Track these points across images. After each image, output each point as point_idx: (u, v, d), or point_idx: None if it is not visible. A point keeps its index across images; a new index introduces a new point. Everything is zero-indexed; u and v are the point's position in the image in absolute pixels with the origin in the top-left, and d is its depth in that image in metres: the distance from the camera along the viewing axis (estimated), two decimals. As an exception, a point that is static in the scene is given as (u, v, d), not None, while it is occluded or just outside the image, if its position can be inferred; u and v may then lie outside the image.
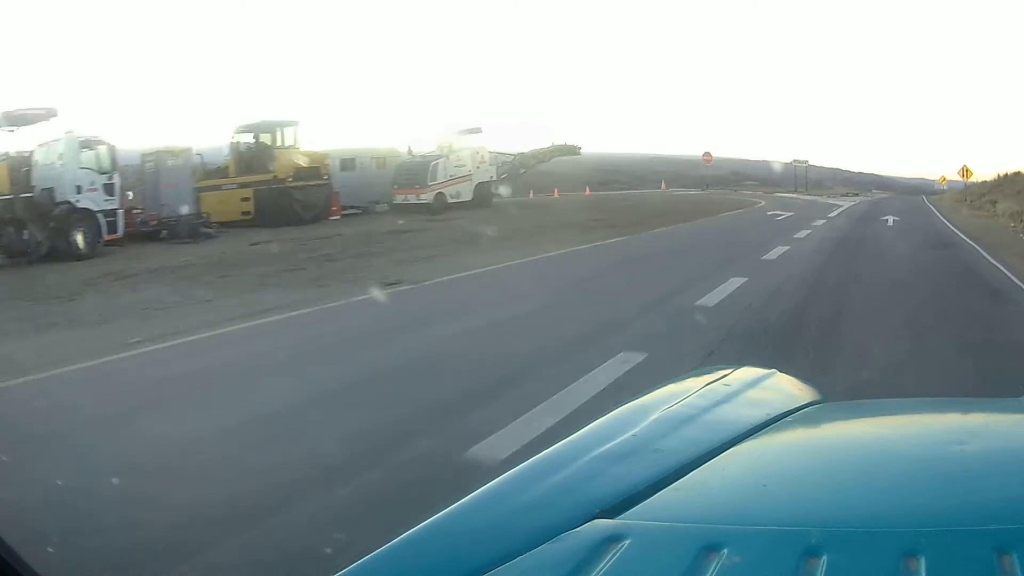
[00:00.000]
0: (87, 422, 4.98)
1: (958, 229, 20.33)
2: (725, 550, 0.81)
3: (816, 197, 46.72)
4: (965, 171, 39.90)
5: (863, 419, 1.50)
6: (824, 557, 0.78)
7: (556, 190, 39.85)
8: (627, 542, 0.85)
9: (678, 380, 1.54)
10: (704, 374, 1.54)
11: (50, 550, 3.02)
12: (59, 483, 3.83)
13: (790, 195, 48.77)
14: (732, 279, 10.07)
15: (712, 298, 8.82)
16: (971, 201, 36.03)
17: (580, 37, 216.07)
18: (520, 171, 35.31)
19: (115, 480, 3.81)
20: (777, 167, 58.78)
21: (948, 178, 63.94)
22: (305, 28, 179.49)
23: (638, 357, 5.96)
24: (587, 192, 41.46)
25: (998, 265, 12.14)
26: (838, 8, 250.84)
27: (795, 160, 60.45)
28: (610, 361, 5.83)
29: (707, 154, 54.40)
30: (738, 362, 1.66)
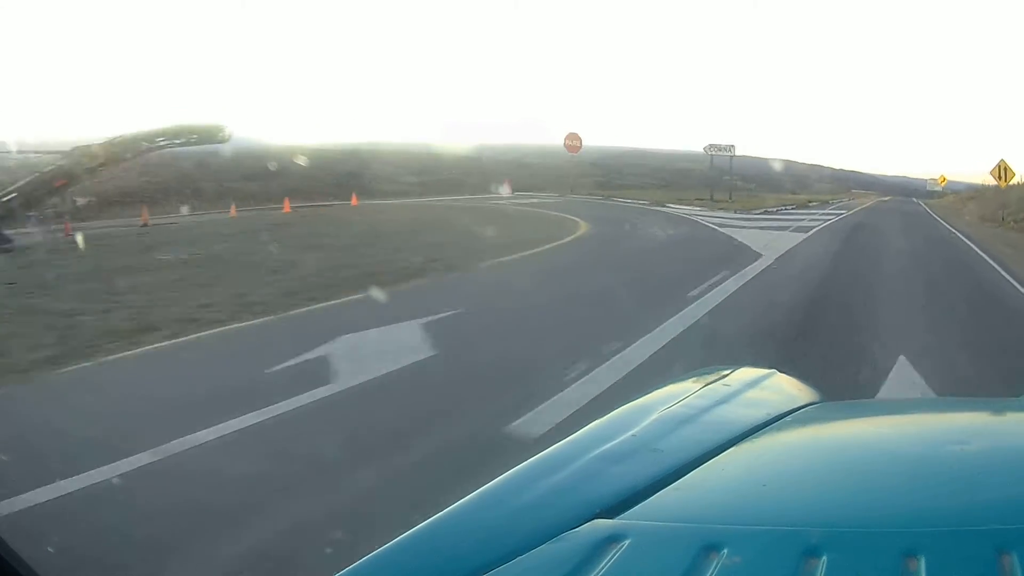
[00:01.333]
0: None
1: None
2: (725, 550, 0.80)
3: (731, 216, 26.82)
4: (1003, 171, 26.51)
5: (862, 419, 1.49)
6: (824, 557, 0.77)
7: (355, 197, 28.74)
8: (627, 542, 0.84)
9: (678, 380, 1.51)
10: (704, 374, 1.53)
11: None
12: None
13: (694, 209, 29.22)
14: None
15: None
16: (1015, 222, 25.12)
17: (585, 30, 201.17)
18: (53, 184, 18.96)
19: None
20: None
21: (936, 178, 58.93)
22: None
23: None
24: (353, 202, 28.56)
25: None
26: (822, 4, 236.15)
27: (711, 146, 39.12)
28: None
29: (571, 137, 33.15)
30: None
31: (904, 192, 73.44)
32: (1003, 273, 13.25)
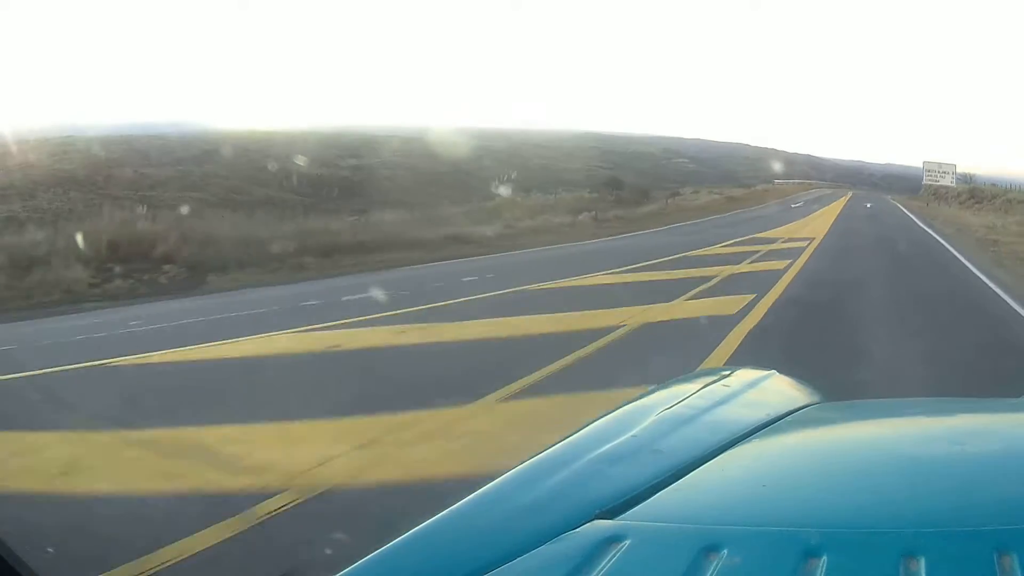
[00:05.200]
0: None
1: None
2: (725, 550, 0.83)
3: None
4: None
5: (862, 419, 1.54)
6: (824, 557, 0.80)
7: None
8: (627, 543, 0.87)
9: (677, 381, 1.58)
10: (704, 375, 1.63)
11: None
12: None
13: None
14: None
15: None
16: None
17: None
18: None
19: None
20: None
21: (952, 170, 38.19)
22: None
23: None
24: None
25: None
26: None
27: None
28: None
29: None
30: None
31: (852, 179, 71.06)
32: None
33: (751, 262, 14.70)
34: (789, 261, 14.47)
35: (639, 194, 38.17)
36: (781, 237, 20.69)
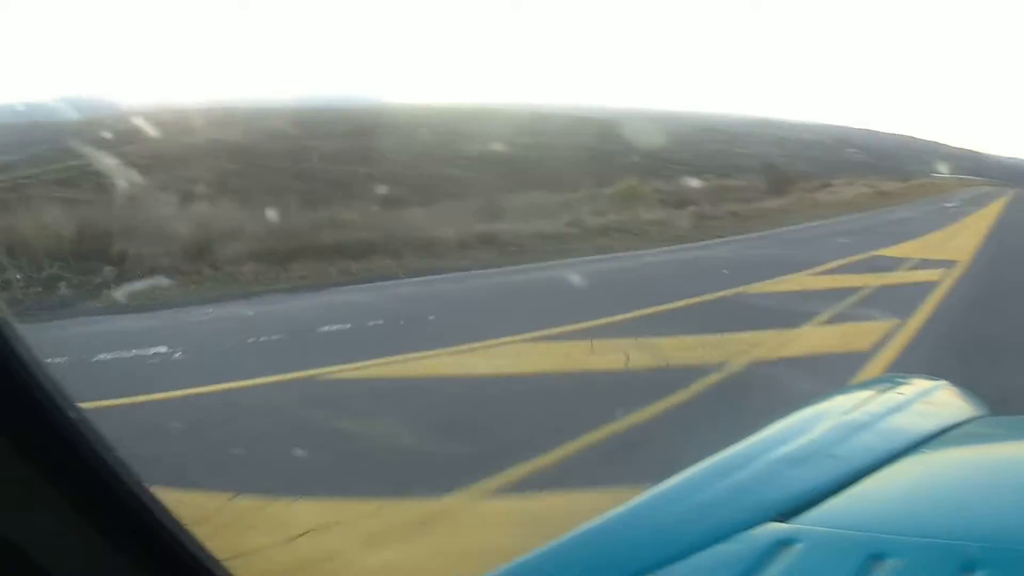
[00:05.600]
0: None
1: None
2: (889, 560, 0.78)
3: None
4: None
5: None
6: (984, 573, 0.75)
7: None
8: (798, 547, 0.82)
9: (856, 387, 1.52)
10: (880, 382, 1.58)
11: None
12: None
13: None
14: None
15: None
16: None
17: None
18: None
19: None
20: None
21: None
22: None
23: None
24: None
25: None
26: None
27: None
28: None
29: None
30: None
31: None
32: None
33: (825, 322, 7.39)
34: (896, 323, 7.09)
35: (783, 183, 30.04)
36: (911, 258, 12.40)
